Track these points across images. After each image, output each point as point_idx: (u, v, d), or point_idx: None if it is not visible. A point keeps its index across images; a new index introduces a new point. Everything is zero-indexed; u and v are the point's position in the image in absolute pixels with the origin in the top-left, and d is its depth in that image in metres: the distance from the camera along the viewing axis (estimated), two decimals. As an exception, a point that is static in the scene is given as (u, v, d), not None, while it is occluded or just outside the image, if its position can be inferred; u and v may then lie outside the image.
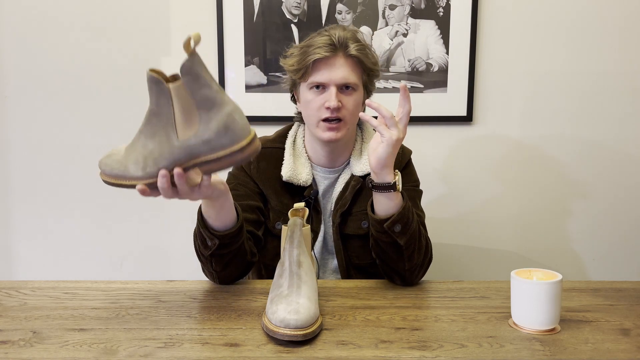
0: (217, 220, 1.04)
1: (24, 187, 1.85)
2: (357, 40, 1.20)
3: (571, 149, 1.80)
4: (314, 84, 1.20)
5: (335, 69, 1.18)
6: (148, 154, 0.89)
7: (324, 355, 0.82)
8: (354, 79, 1.20)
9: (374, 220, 1.09)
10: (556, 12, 1.74)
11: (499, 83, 1.77)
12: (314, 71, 1.19)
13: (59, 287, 1.12)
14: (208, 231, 1.04)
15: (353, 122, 1.24)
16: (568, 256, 1.86)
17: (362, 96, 1.24)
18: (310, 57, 1.18)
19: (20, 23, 1.77)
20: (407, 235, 1.09)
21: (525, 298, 0.90)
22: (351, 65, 1.20)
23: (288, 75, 1.26)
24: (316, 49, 1.18)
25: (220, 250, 1.06)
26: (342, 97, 1.19)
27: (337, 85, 1.19)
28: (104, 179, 0.92)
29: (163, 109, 0.87)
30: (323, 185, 1.30)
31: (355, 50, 1.18)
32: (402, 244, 1.09)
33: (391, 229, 1.07)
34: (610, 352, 0.84)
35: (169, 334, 0.90)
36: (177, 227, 1.85)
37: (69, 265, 1.88)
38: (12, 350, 0.84)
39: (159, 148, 0.88)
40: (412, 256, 1.11)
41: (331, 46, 1.18)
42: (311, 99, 1.21)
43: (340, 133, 1.21)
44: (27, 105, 1.81)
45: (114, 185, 0.91)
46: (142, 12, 1.76)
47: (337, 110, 1.18)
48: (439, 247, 1.78)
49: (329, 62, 1.18)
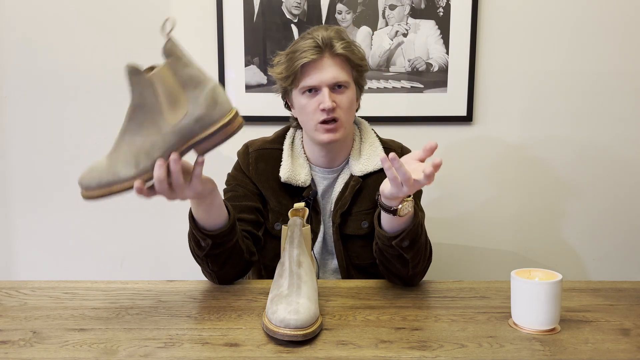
0: (208, 220, 1.04)
1: (23, 187, 1.85)
2: (341, 38, 1.20)
3: (571, 149, 1.80)
4: (306, 88, 1.20)
5: (324, 70, 1.18)
6: (138, 150, 0.88)
7: (324, 355, 0.82)
8: (344, 77, 1.20)
9: (382, 235, 1.07)
10: (556, 12, 1.73)
11: (499, 83, 1.77)
12: (304, 76, 1.19)
13: (59, 287, 1.12)
14: (200, 232, 1.04)
15: (349, 120, 1.24)
16: (568, 256, 1.86)
17: (354, 93, 1.24)
18: (297, 62, 1.18)
19: (20, 23, 1.77)
20: (415, 249, 1.07)
21: (525, 298, 0.90)
22: (339, 64, 1.20)
23: (278, 83, 1.26)
24: (302, 53, 1.17)
25: (215, 249, 1.06)
26: (335, 96, 1.19)
27: (329, 85, 1.19)
28: (89, 195, 0.91)
29: (147, 99, 0.87)
30: (322, 186, 1.30)
31: (342, 49, 1.19)
32: (409, 258, 1.08)
33: (399, 245, 1.06)
34: (610, 352, 0.84)
35: (169, 334, 0.90)
36: (177, 227, 1.85)
37: (69, 265, 1.88)
38: (12, 350, 0.84)
39: (150, 140, 0.88)
40: (417, 266, 1.11)
41: (317, 48, 1.18)
42: (305, 104, 1.21)
43: (339, 133, 1.21)
44: (26, 105, 1.81)
45: (103, 196, 0.90)
46: (142, 12, 1.76)
47: (332, 111, 1.18)
48: (439, 247, 1.78)
49: (317, 64, 1.18)
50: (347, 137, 1.28)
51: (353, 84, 1.23)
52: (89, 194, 0.91)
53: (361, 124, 1.34)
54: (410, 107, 1.76)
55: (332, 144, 1.23)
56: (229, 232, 1.06)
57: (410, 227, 1.04)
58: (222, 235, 1.05)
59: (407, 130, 1.78)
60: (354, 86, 1.24)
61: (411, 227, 1.04)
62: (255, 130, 1.51)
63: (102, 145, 1.81)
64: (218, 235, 1.05)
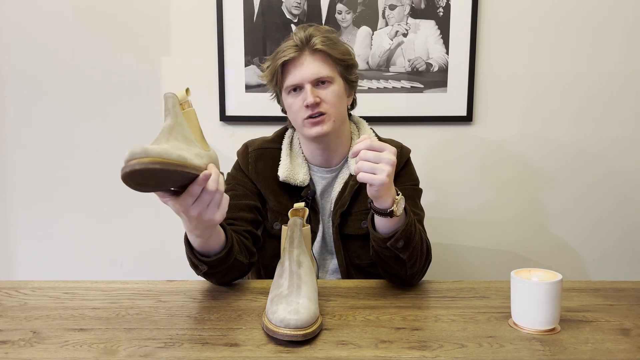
0: (204, 247, 1.04)
1: (23, 187, 1.85)
2: (321, 34, 1.21)
3: (571, 149, 1.80)
4: (290, 87, 1.22)
5: (304, 67, 1.19)
6: (190, 150, 0.90)
7: (324, 355, 0.82)
8: (326, 72, 1.20)
9: (376, 237, 1.08)
10: (556, 12, 1.74)
11: (499, 83, 1.77)
12: (286, 75, 1.21)
13: (59, 287, 1.12)
14: (196, 258, 1.04)
15: (338, 114, 1.23)
16: (568, 256, 1.86)
17: (341, 87, 1.23)
18: (277, 62, 1.20)
19: (19, 23, 1.77)
20: (410, 249, 1.08)
21: (525, 298, 0.90)
22: (320, 60, 1.20)
23: (270, 88, 1.28)
24: (282, 52, 1.20)
25: (212, 270, 1.07)
26: (319, 92, 1.20)
27: (311, 82, 1.19)
28: (164, 162, 0.79)
29: (184, 126, 0.95)
30: (321, 185, 1.29)
31: (320, 44, 1.19)
32: (405, 258, 1.08)
33: (394, 245, 1.06)
34: (610, 352, 0.84)
35: (169, 334, 0.90)
36: (177, 227, 1.84)
37: (69, 265, 1.88)
38: (12, 350, 0.84)
39: (194, 150, 0.91)
40: (414, 265, 1.11)
41: (295, 47, 1.19)
42: (292, 103, 1.22)
43: (326, 126, 1.21)
44: (26, 105, 1.81)
45: (161, 168, 0.78)
46: (142, 12, 1.76)
47: (316, 106, 1.19)
48: (439, 247, 1.78)
49: (297, 62, 1.19)
50: (342, 133, 1.28)
51: (339, 78, 1.23)
52: (163, 160, 0.78)
53: (359, 123, 1.34)
54: (410, 107, 1.76)
55: (323, 138, 1.22)
56: (225, 256, 1.05)
57: (403, 227, 1.05)
58: (219, 260, 1.05)
59: (407, 130, 1.78)
60: (340, 80, 1.23)
61: (404, 227, 1.05)
62: (255, 130, 1.51)
63: (102, 145, 1.83)
64: (214, 261, 1.04)
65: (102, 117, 1.81)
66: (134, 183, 0.80)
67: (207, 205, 0.92)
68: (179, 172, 0.83)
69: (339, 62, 1.22)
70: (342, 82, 1.24)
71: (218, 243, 1.04)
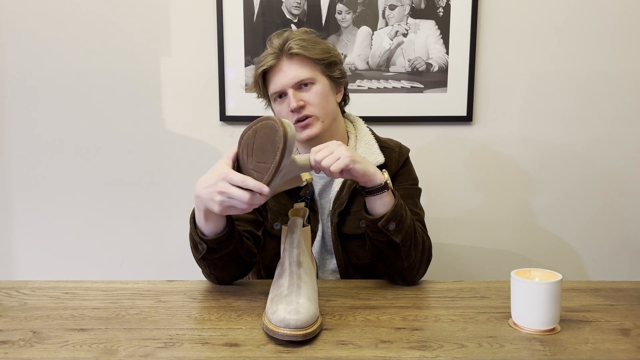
0: (206, 225, 1.04)
1: (23, 187, 1.85)
2: (296, 37, 1.21)
3: (571, 148, 1.80)
4: (275, 95, 1.23)
5: (283, 73, 1.20)
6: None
7: (324, 355, 0.82)
8: (305, 74, 1.20)
9: (369, 220, 1.10)
10: (556, 12, 1.74)
11: (499, 83, 1.77)
12: (269, 83, 1.23)
13: (59, 287, 1.12)
14: (198, 236, 1.05)
15: (326, 114, 1.23)
16: (568, 256, 1.86)
17: (325, 86, 1.23)
18: (258, 71, 1.22)
19: (19, 23, 1.77)
20: (403, 232, 1.09)
21: (525, 298, 0.90)
22: (298, 63, 1.20)
23: (260, 98, 1.30)
24: (261, 62, 1.22)
25: (211, 254, 1.07)
26: (302, 95, 1.20)
27: (293, 86, 1.20)
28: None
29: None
30: (319, 185, 1.29)
31: (296, 48, 1.19)
32: (399, 242, 1.09)
33: (386, 227, 1.08)
34: (610, 352, 0.84)
35: (169, 334, 0.90)
36: (177, 227, 1.85)
37: (69, 265, 1.88)
38: (12, 350, 0.84)
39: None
40: (410, 253, 1.11)
41: (273, 54, 1.20)
42: (279, 109, 1.24)
43: (315, 127, 1.21)
44: (26, 105, 1.81)
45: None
46: (142, 12, 1.76)
47: (301, 109, 1.20)
48: (439, 247, 1.78)
49: (277, 69, 1.21)
50: (338, 133, 1.28)
51: (322, 77, 1.23)
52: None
53: (355, 122, 1.34)
54: (410, 107, 1.77)
55: (315, 140, 1.22)
56: (225, 239, 1.06)
57: (392, 207, 1.08)
58: (219, 242, 1.05)
59: (407, 130, 1.78)
60: (324, 79, 1.24)
61: (393, 207, 1.08)
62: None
63: (102, 145, 1.83)
64: (214, 241, 1.05)
65: (102, 117, 1.81)
66: None
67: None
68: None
69: (318, 61, 1.22)
70: (326, 81, 1.24)
71: (219, 225, 1.05)
